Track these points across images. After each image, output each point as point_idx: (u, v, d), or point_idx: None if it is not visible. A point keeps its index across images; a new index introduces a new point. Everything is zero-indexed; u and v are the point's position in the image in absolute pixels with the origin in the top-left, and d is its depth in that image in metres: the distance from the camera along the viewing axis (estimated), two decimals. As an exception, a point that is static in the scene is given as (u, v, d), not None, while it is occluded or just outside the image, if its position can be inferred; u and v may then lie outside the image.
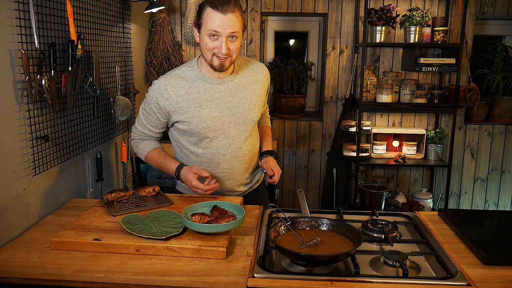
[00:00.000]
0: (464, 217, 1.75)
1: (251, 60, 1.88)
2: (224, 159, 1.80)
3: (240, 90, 1.77)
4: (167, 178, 3.11)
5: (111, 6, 2.46)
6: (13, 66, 1.56)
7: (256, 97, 1.81)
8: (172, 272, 1.29)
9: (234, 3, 1.61)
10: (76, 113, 2.03)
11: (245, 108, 1.77)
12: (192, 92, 1.72)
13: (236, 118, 1.76)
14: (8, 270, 1.31)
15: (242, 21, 1.64)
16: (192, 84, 1.73)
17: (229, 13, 1.58)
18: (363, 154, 3.47)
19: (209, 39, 1.61)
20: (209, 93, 1.73)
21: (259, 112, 1.84)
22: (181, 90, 1.72)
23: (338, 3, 3.54)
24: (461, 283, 1.25)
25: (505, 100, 3.64)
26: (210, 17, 1.59)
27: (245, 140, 1.81)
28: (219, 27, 1.58)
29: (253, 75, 1.82)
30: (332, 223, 1.50)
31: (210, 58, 1.65)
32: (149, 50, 3.38)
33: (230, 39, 1.61)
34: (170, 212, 1.63)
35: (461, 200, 3.87)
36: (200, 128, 1.73)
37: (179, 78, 1.74)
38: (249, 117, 1.78)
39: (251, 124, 1.81)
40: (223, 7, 1.57)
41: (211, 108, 1.72)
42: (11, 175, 1.57)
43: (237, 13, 1.60)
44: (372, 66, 3.57)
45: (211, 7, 1.59)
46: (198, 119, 1.72)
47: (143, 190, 1.83)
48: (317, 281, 1.24)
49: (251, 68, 1.83)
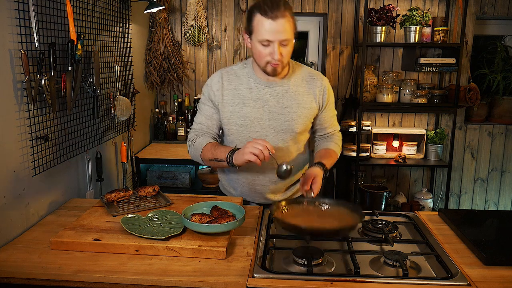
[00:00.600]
0: (464, 217, 1.75)
1: (312, 72, 1.80)
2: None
3: (287, 97, 1.72)
4: (167, 178, 3.11)
5: (111, 6, 2.46)
6: (13, 66, 1.56)
7: (303, 109, 1.73)
8: (172, 272, 1.29)
9: (284, 7, 1.55)
10: (76, 113, 2.03)
11: (287, 116, 1.71)
12: (240, 89, 1.72)
13: (276, 124, 1.72)
14: (8, 270, 1.31)
15: (294, 22, 1.59)
16: (242, 81, 1.73)
17: (280, 19, 1.53)
18: (363, 154, 3.47)
19: (262, 47, 1.59)
20: (255, 93, 1.71)
21: (304, 125, 1.75)
22: (230, 85, 1.73)
23: (338, 3, 3.54)
24: (461, 283, 1.25)
25: (505, 100, 3.64)
26: (261, 24, 1.55)
27: (282, 149, 1.75)
28: (271, 35, 1.55)
29: (307, 86, 1.75)
30: (333, 202, 1.56)
31: (264, 65, 1.63)
32: (149, 50, 3.38)
33: (282, 45, 1.58)
34: (170, 212, 1.63)
35: (461, 200, 3.87)
36: (238, 125, 1.72)
37: (233, 74, 1.75)
38: (290, 126, 1.72)
39: (291, 134, 1.74)
40: (273, 12, 1.52)
41: (253, 108, 1.70)
42: (11, 175, 1.57)
43: (288, 17, 1.55)
44: (372, 66, 3.57)
45: (261, 14, 1.54)
46: (238, 116, 1.71)
47: (143, 190, 1.83)
48: (317, 281, 1.24)
49: (307, 79, 1.76)
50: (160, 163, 3.17)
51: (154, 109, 3.56)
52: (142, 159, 3.02)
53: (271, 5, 1.54)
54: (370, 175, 3.81)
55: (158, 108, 3.61)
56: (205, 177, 3.10)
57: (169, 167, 3.20)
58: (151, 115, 3.50)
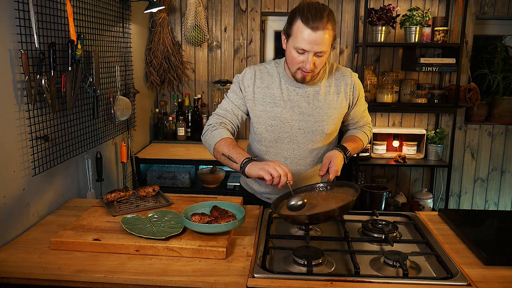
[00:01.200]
0: (464, 217, 1.75)
1: (340, 68, 1.77)
2: (285, 162, 1.73)
3: (317, 98, 1.70)
4: (167, 178, 3.11)
5: (111, 6, 2.46)
6: (13, 66, 1.56)
7: (333, 109, 1.71)
8: (172, 272, 1.29)
9: (328, 18, 1.51)
10: (76, 113, 2.02)
11: (318, 118, 1.70)
12: (271, 88, 1.71)
13: (306, 125, 1.70)
14: (8, 270, 1.31)
15: (334, 34, 1.56)
16: (274, 80, 1.72)
17: (320, 31, 1.49)
18: (363, 154, 3.47)
19: (296, 53, 1.56)
20: (286, 93, 1.70)
21: (334, 125, 1.73)
22: (263, 83, 1.72)
23: (338, 3, 3.54)
24: (461, 283, 1.25)
25: (505, 100, 3.64)
26: (300, 31, 1.51)
27: (312, 150, 1.74)
28: (308, 45, 1.52)
29: (336, 85, 1.73)
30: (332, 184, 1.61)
31: (295, 70, 1.61)
32: (149, 50, 3.38)
33: (316, 56, 1.56)
34: (170, 212, 1.63)
35: (461, 200, 3.87)
36: (268, 124, 1.71)
37: (266, 72, 1.74)
38: (319, 128, 1.70)
39: (321, 135, 1.72)
40: (315, 23, 1.49)
41: (284, 108, 1.69)
42: (11, 175, 1.57)
43: (329, 30, 1.51)
44: (372, 66, 3.57)
45: (302, 21, 1.50)
46: (269, 115, 1.70)
47: (143, 190, 1.83)
48: (317, 281, 1.24)
49: (337, 77, 1.74)
50: (160, 163, 3.17)
51: (154, 109, 3.56)
52: (142, 159, 3.02)
53: (314, 14, 1.50)
54: (370, 175, 3.81)
55: (158, 108, 3.61)
56: (205, 177, 3.10)
57: (169, 167, 3.20)
58: (151, 115, 3.50)
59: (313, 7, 1.52)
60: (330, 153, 1.67)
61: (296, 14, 1.53)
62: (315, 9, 1.52)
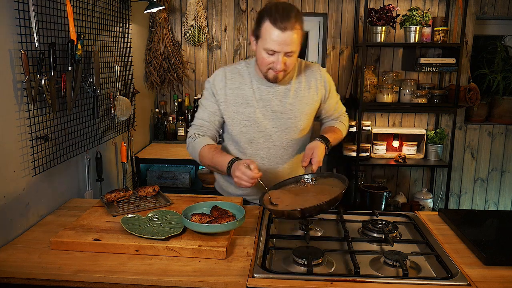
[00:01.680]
0: (464, 217, 1.75)
1: (308, 64, 1.79)
2: (262, 162, 1.75)
3: (289, 95, 1.71)
4: (167, 178, 3.11)
5: (111, 6, 2.46)
6: (13, 66, 1.56)
7: (306, 105, 1.73)
8: (172, 272, 1.29)
9: (296, 18, 1.52)
10: (76, 113, 2.02)
11: (290, 115, 1.71)
12: (243, 88, 1.72)
13: (280, 123, 1.72)
14: (8, 270, 1.31)
15: (302, 34, 1.57)
16: (245, 81, 1.72)
17: (288, 31, 1.50)
18: (363, 154, 3.47)
19: (266, 54, 1.57)
20: (258, 93, 1.71)
21: (307, 121, 1.76)
22: (234, 84, 1.72)
23: (338, 3, 3.54)
24: (461, 283, 1.25)
25: (505, 100, 3.64)
26: (268, 33, 1.52)
27: (287, 147, 1.76)
28: (277, 46, 1.52)
29: (307, 81, 1.75)
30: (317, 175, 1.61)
31: (266, 71, 1.62)
32: (149, 50, 3.38)
33: (286, 56, 1.57)
34: (170, 212, 1.63)
35: (461, 200, 3.87)
36: (242, 125, 1.72)
37: (237, 73, 1.74)
38: (293, 124, 1.72)
39: (296, 132, 1.74)
40: (283, 23, 1.49)
41: (257, 108, 1.70)
42: (11, 175, 1.57)
43: (297, 29, 1.52)
44: (372, 66, 3.57)
45: (270, 22, 1.51)
46: (242, 116, 1.71)
47: (143, 190, 1.83)
48: (317, 281, 1.24)
49: (306, 74, 1.76)
50: (160, 163, 3.17)
51: (154, 109, 3.56)
52: (142, 159, 3.02)
53: (282, 15, 1.50)
54: (370, 175, 3.81)
55: (158, 108, 3.61)
56: (205, 177, 3.10)
57: (169, 167, 3.20)
58: (151, 115, 3.50)
59: (280, 7, 1.52)
60: (312, 143, 1.68)
61: (264, 15, 1.53)
62: (283, 9, 1.52)
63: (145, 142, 3.36)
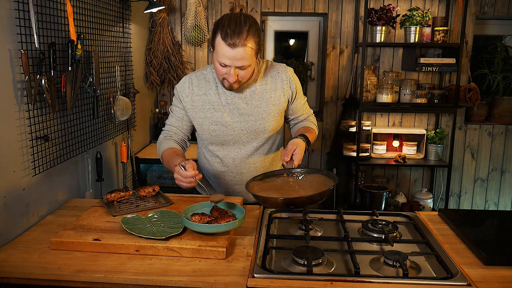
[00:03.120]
0: (464, 217, 1.75)
1: (274, 65, 1.79)
2: (233, 163, 1.79)
3: (255, 98, 1.73)
4: (167, 178, 3.11)
5: (111, 6, 2.46)
6: (13, 66, 1.56)
7: (272, 106, 1.74)
8: (172, 272, 1.29)
9: (248, 33, 1.50)
10: (76, 113, 2.03)
11: (257, 116, 1.73)
12: (209, 94, 1.74)
13: (248, 125, 1.74)
14: (8, 270, 1.31)
15: (256, 48, 1.56)
16: (211, 86, 1.74)
17: (238, 48, 1.50)
18: (363, 154, 3.47)
19: (219, 66, 1.58)
20: (224, 97, 1.73)
21: (275, 122, 1.77)
22: (200, 90, 1.74)
23: (338, 3, 3.54)
24: (461, 283, 1.25)
25: (505, 100, 3.64)
26: (220, 47, 1.52)
27: (258, 148, 1.79)
28: (228, 60, 1.53)
29: (272, 82, 1.75)
30: (304, 171, 1.61)
31: (221, 80, 1.65)
32: (149, 50, 3.38)
33: (239, 69, 1.57)
34: (170, 212, 1.63)
35: (461, 200, 3.87)
36: (211, 130, 1.75)
37: (203, 79, 1.76)
38: (261, 126, 1.74)
39: (264, 133, 1.76)
40: (233, 39, 1.48)
41: (224, 113, 1.72)
42: (11, 175, 1.57)
43: (248, 46, 1.51)
44: (372, 66, 3.57)
45: (221, 37, 1.50)
46: (210, 121, 1.74)
47: (143, 190, 1.83)
48: (317, 281, 1.24)
49: (272, 75, 1.76)
50: (160, 163, 3.15)
51: (154, 109, 3.56)
52: (142, 159, 3.02)
53: (233, 30, 1.49)
54: (370, 175, 3.81)
55: (158, 108, 3.61)
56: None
57: (169, 167, 3.20)
58: (151, 115, 3.51)
59: (233, 21, 1.51)
60: (295, 140, 1.68)
61: (217, 29, 1.53)
62: (235, 23, 1.50)
63: (145, 142, 3.36)
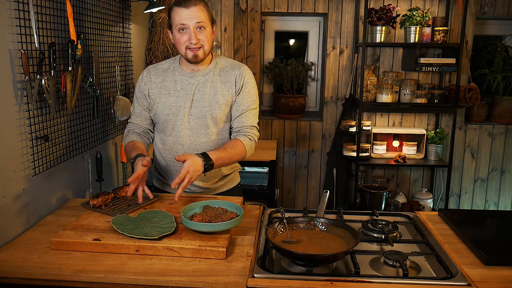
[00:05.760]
0: (464, 217, 1.75)
1: (235, 64, 1.89)
2: (182, 149, 1.86)
3: (206, 85, 1.84)
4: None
5: (111, 6, 2.46)
6: (13, 66, 1.56)
7: (221, 96, 1.84)
8: (172, 272, 1.29)
9: None
10: (76, 113, 2.02)
11: (206, 103, 1.83)
12: (166, 81, 1.87)
13: (197, 111, 1.83)
14: (8, 270, 1.31)
15: (207, 12, 1.77)
16: (168, 74, 1.88)
17: (192, 7, 1.72)
18: (363, 154, 3.47)
19: (179, 34, 1.75)
20: (180, 83, 1.86)
21: (222, 111, 1.84)
22: (158, 78, 1.89)
23: (338, 3, 3.54)
24: (461, 283, 1.25)
25: (505, 100, 3.64)
26: (176, 14, 1.74)
27: (205, 134, 1.85)
28: (185, 19, 1.71)
29: (225, 75, 1.86)
30: (329, 223, 1.49)
31: (184, 51, 1.77)
32: (149, 50, 3.38)
33: (198, 30, 1.73)
34: (160, 212, 1.63)
35: (461, 200, 3.87)
36: (165, 114, 1.85)
37: (161, 68, 1.92)
38: (208, 112, 1.83)
39: (212, 120, 1.84)
40: (186, 2, 1.72)
41: (178, 98, 1.84)
42: (11, 175, 1.57)
43: (200, 5, 1.74)
44: (372, 66, 3.57)
45: (175, 5, 1.74)
46: (165, 106, 1.85)
47: (122, 190, 1.82)
48: (317, 281, 1.24)
49: (227, 70, 1.87)
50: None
51: (154, 109, 3.56)
52: (142, 159, 3.02)
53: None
54: (370, 175, 3.81)
55: (158, 108, 3.60)
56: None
57: (169, 167, 3.19)
58: (151, 115, 3.50)
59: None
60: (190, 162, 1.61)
61: (172, 6, 1.76)
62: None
63: (145, 142, 3.36)
